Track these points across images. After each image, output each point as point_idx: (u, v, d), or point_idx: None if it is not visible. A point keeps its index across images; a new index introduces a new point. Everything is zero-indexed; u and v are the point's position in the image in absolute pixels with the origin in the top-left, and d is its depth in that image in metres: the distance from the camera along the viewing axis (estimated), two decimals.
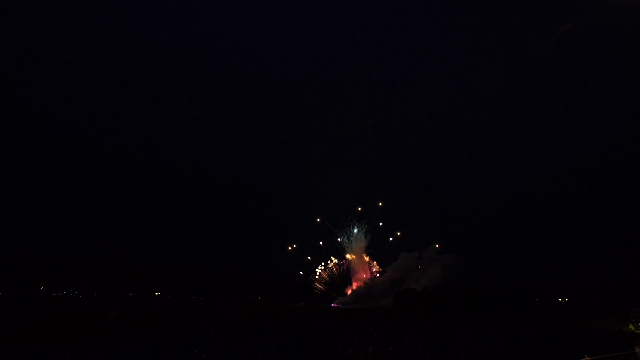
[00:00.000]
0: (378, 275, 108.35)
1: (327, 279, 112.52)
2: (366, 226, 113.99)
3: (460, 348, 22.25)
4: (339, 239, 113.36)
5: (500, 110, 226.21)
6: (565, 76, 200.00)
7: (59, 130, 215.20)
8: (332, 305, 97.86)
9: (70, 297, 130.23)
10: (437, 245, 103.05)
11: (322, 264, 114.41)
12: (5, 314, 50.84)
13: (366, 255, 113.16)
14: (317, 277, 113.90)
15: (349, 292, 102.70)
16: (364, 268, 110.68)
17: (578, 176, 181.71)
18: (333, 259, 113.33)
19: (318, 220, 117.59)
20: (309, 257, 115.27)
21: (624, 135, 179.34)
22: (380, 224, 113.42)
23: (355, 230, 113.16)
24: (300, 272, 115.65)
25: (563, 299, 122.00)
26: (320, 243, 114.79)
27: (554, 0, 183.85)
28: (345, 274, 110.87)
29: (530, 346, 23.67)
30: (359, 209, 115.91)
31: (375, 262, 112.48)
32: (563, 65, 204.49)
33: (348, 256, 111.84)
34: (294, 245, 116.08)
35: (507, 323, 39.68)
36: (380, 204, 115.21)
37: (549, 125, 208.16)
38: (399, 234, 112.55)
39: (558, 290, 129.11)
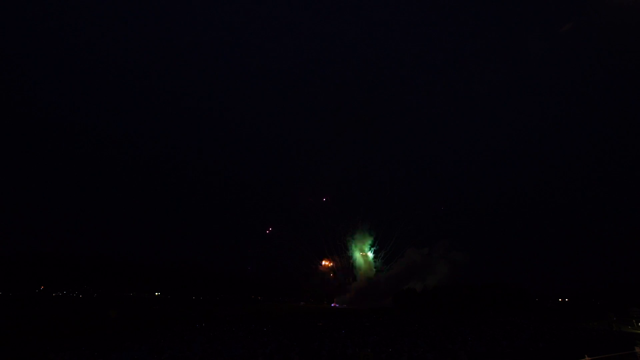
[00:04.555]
0: (382, 272, 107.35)
1: (333, 273, 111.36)
2: (370, 222, 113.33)
3: (460, 348, 22.27)
4: (342, 236, 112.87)
5: (503, 109, 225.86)
6: (565, 76, 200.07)
7: (59, 129, 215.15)
8: (332, 305, 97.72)
9: (70, 297, 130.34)
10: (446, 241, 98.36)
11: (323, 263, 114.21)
12: (5, 314, 50.86)
13: (370, 252, 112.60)
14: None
15: (351, 291, 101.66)
16: (367, 266, 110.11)
17: (578, 176, 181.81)
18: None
19: (321, 219, 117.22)
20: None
21: (625, 135, 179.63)
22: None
23: (359, 228, 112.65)
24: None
25: (563, 299, 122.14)
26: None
27: (554, 0, 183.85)
28: (347, 273, 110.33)
29: (530, 346, 23.69)
30: (362, 205, 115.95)
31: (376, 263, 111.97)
32: (563, 65, 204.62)
33: (356, 254, 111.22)
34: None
35: (507, 323, 39.72)
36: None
37: (552, 124, 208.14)
38: None
39: (558, 290, 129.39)
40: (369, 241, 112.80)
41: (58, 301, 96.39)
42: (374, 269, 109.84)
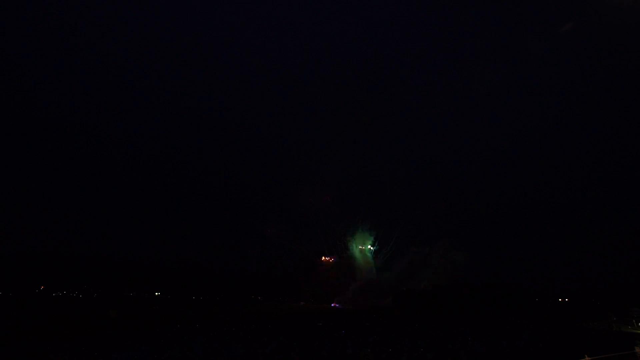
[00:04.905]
0: (382, 272, 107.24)
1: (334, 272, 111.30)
2: (370, 222, 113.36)
3: (460, 348, 22.27)
4: (342, 236, 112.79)
5: (503, 109, 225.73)
6: (565, 76, 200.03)
7: (59, 129, 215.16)
8: (332, 305, 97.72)
9: (70, 297, 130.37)
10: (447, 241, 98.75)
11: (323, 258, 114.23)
12: (5, 314, 50.86)
13: (370, 252, 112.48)
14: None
15: (351, 291, 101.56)
16: (367, 265, 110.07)
17: (578, 176, 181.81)
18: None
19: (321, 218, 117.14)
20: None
21: (625, 135, 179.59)
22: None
23: (359, 227, 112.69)
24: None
25: (563, 299, 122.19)
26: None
27: (554, 0, 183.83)
28: (347, 273, 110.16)
29: (530, 346, 23.69)
30: (362, 205, 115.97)
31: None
32: (563, 65, 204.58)
33: (355, 253, 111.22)
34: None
35: (507, 323, 39.73)
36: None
37: (552, 124, 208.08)
38: None
39: (558, 290, 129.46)
40: (369, 241, 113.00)
41: (58, 301, 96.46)
42: (374, 269, 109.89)
